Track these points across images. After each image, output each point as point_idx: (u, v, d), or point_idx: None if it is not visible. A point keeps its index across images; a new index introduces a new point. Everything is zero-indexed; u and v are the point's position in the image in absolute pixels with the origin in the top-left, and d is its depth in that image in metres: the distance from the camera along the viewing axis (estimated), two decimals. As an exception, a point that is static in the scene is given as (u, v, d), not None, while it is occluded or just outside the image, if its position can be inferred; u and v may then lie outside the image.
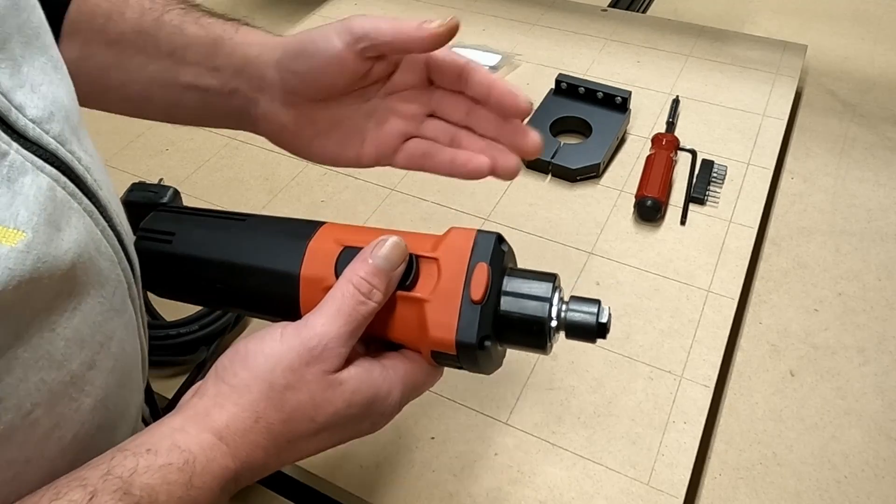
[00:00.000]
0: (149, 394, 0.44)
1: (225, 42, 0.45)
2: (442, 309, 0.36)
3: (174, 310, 0.65)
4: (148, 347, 0.40)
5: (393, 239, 0.37)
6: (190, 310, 0.64)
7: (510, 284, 0.37)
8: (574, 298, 0.38)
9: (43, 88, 0.31)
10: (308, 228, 0.40)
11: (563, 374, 0.62)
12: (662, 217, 0.75)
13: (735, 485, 0.55)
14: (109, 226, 0.33)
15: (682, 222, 0.75)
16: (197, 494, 0.32)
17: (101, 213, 0.32)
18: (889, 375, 0.62)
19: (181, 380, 0.62)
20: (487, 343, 0.36)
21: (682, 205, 0.76)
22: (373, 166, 0.47)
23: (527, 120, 0.43)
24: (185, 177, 0.81)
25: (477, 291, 0.36)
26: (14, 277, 0.26)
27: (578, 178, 0.80)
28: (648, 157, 0.80)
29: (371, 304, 0.36)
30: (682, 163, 0.81)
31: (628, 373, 0.62)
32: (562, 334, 0.38)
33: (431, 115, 0.46)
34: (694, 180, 0.78)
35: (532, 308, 0.37)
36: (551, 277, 0.38)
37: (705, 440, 0.58)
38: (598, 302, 0.38)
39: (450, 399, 0.60)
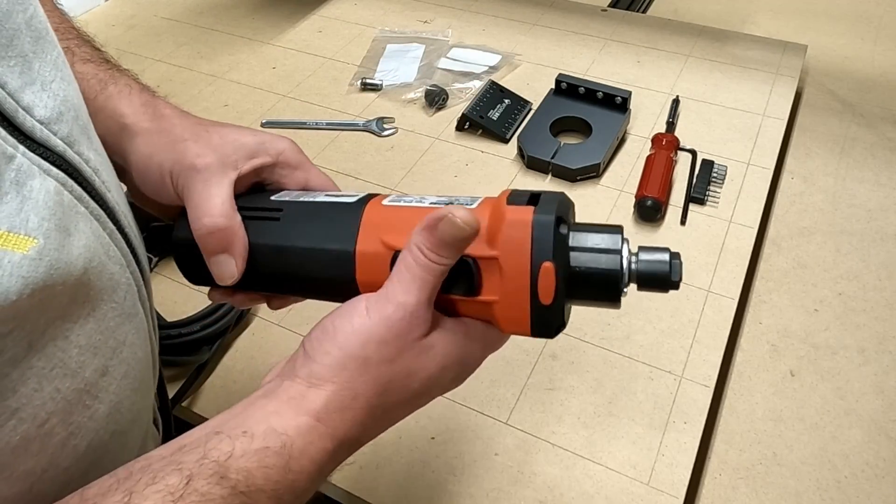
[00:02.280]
0: (161, 389, 0.44)
1: (89, 103, 0.41)
2: (513, 308, 0.36)
3: (175, 311, 0.65)
4: (158, 349, 0.39)
5: (459, 218, 0.34)
6: (191, 310, 0.64)
7: (578, 239, 0.36)
8: (642, 248, 0.37)
9: (54, 85, 0.30)
10: (348, 225, 0.39)
11: (563, 374, 0.62)
12: (662, 217, 0.75)
13: (735, 485, 0.55)
14: (118, 228, 0.32)
15: (682, 222, 0.75)
16: (294, 478, 0.31)
17: (109, 217, 0.32)
18: (889, 375, 0.62)
19: (182, 380, 0.62)
20: (562, 328, 0.37)
21: (682, 205, 0.76)
22: None
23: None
24: (186, 177, 0.81)
25: (546, 296, 0.35)
26: (28, 286, 0.25)
27: (578, 178, 0.80)
28: (648, 157, 0.80)
29: (443, 267, 0.35)
30: (682, 163, 0.81)
31: (628, 373, 0.62)
32: (632, 287, 0.37)
33: None
34: (694, 180, 0.78)
35: (604, 261, 0.36)
36: (618, 229, 0.37)
37: (705, 440, 0.58)
38: (667, 250, 0.37)
39: (450, 399, 0.60)
